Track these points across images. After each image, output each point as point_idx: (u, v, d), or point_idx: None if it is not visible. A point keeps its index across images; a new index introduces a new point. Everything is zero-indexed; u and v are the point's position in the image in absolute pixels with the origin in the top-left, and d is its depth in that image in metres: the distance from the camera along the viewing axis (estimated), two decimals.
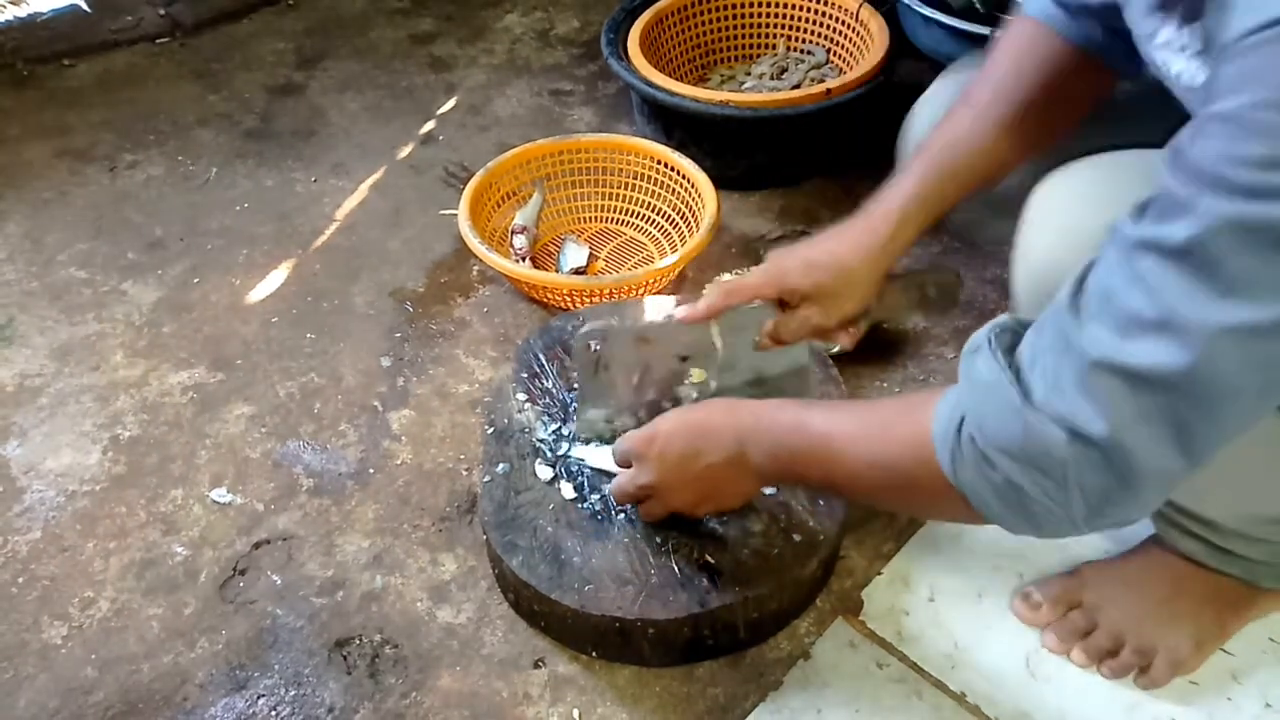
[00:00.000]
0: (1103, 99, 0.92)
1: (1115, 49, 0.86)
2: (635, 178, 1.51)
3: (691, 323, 0.96)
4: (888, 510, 1.06)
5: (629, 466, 0.94)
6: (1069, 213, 0.79)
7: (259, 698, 0.98)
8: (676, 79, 1.56)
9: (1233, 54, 0.53)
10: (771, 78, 1.69)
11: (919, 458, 0.69)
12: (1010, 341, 0.65)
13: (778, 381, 1.02)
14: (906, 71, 1.57)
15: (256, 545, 1.12)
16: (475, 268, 1.47)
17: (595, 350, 0.98)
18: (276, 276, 1.47)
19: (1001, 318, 0.67)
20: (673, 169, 1.46)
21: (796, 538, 0.98)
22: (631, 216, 1.53)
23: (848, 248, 0.92)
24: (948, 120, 0.93)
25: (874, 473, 0.75)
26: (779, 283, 0.94)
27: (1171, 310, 0.55)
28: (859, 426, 0.77)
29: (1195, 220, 0.53)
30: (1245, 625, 0.97)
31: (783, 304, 0.96)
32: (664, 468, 0.90)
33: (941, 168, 0.91)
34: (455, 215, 1.40)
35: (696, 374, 1.02)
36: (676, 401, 1.02)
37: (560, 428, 1.09)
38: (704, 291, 0.98)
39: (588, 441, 1.06)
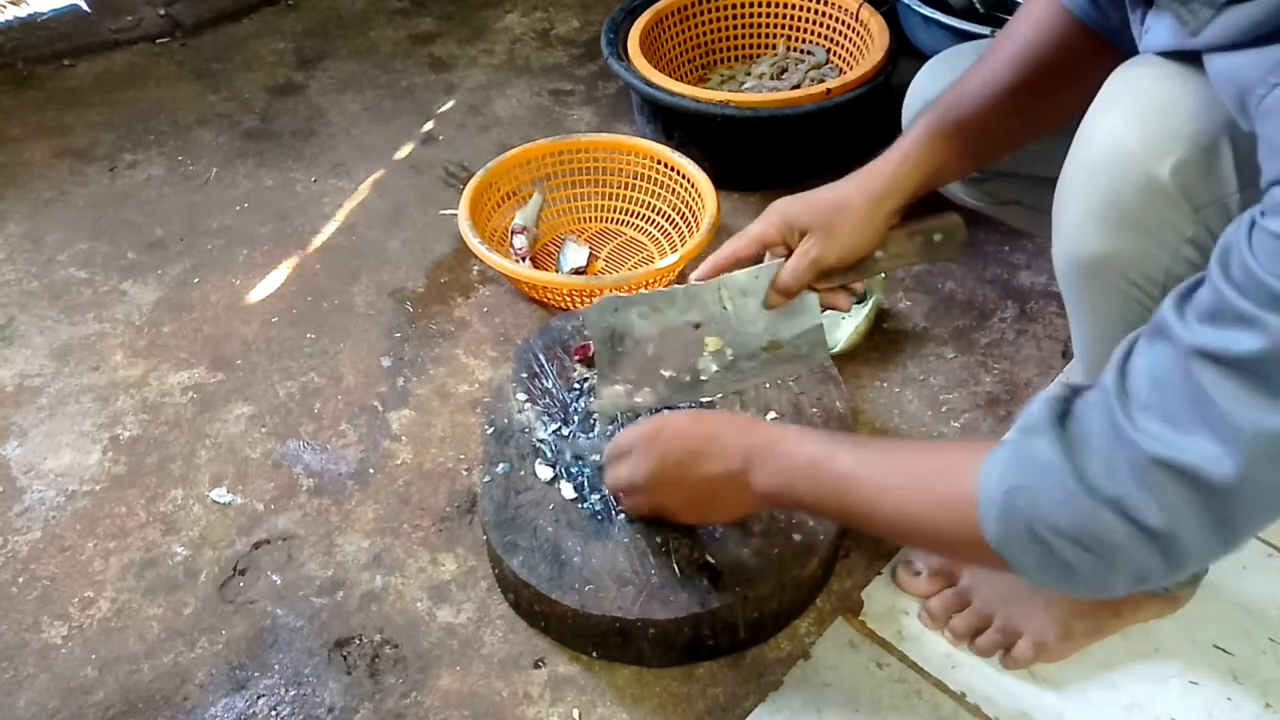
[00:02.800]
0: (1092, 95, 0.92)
1: (1127, 33, 0.86)
2: (635, 178, 1.51)
3: (702, 280, 0.96)
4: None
5: (621, 457, 0.94)
6: (1142, 94, 0.75)
7: (259, 698, 0.98)
8: (676, 79, 1.56)
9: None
10: (771, 78, 1.69)
11: (958, 519, 0.69)
12: (1060, 411, 0.65)
13: (793, 343, 1.00)
14: (906, 71, 1.56)
15: (256, 545, 1.12)
16: (475, 268, 1.47)
17: (610, 322, 0.97)
18: (276, 276, 1.47)
19: (1053, 389, 0.67)
20: (673, 169, 1.46)
21: (796, 538, 0.98)
22: (631, 216, 1.53)
23: (850, 188, 0.92)
24: (960, 81, 0.92)
25: (902, 521, 0.75)
26: (780, 221, 0.93)
27: (1225, 415, 0.56)
28: (890, 475, 0.76)
29: (1260, 337, 0.55)
30: (1125, 626, 0.98)
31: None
32: (662, 465, 0.90)
33: (945, 121, 0.90)
34: (455, 215, 1.40)
35: (711, 343, 0.99)
36: (695, 374, 1.01)
37: (560, 428, 1.09)
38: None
39: (611, 423, 1.04)
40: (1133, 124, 0.71)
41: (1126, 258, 0.73)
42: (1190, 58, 0.70)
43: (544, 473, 1.05)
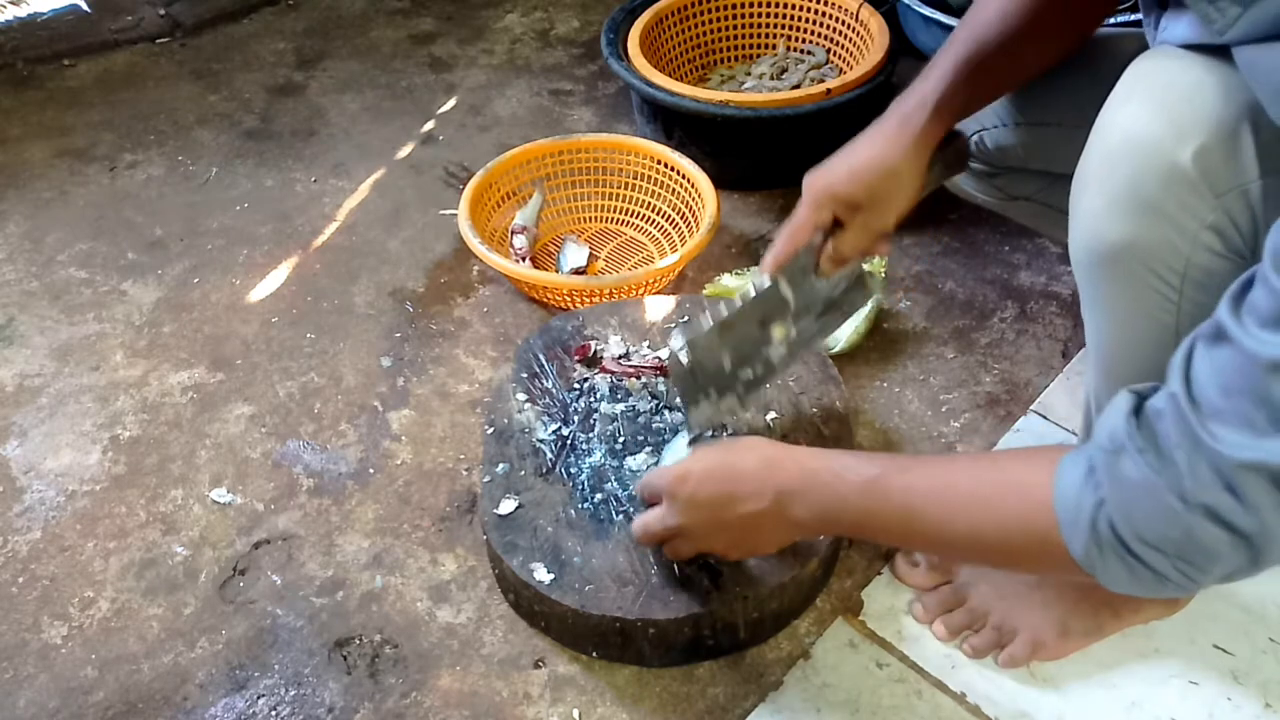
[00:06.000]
0: (1103, 19, 0.93)
1: None
2: (635, 178, 1.51)
3: (769, 271, 0.96)
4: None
5: (655, 503, 0.92)
6: (1162, 82, 0.75)
7: (259, 698, 0.98)
8: (676, 79, 1.56)
9: None
10: (771, 78, 1.69)
11: (1038, 537, 0.69)
12: (1136, 424, 0.65)
13: (844, 298, 1.01)
14: (906, 71, 1.57)
15: (256, 545, 1.12)
16: (475, 268, 1.47)
17: (686, 362, 0.98)
18: (276, 276, 1.47)
19: (1121, 400, 0.66)
20: (673, 169, 1.46)
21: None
22: (631, 216, 1.53)
23: (888, 147, 0.91)
24: (975, 22, 0.91)
25: (977, 543, 0.74)
26: (831, 201, 0.93)
27: None
28: (954, 494, 0.75)
29: None
30: (1124, 627, 0.97)
31: (835, 223, 0.95)
32: (693, 510, 0.88)
33: (968, 64, 0.90)
34: (455, 215, 1.40)
35: (779, 332, 1.00)
36: (768, 364, 1.01)
37: (560, 428, 1.09)
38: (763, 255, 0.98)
39: (697, 438, 1.04)
40: (1154, 111, 0.70)
41: (1147, 245, 0.73)
42: (1210, 49, 0.70)
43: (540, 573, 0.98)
